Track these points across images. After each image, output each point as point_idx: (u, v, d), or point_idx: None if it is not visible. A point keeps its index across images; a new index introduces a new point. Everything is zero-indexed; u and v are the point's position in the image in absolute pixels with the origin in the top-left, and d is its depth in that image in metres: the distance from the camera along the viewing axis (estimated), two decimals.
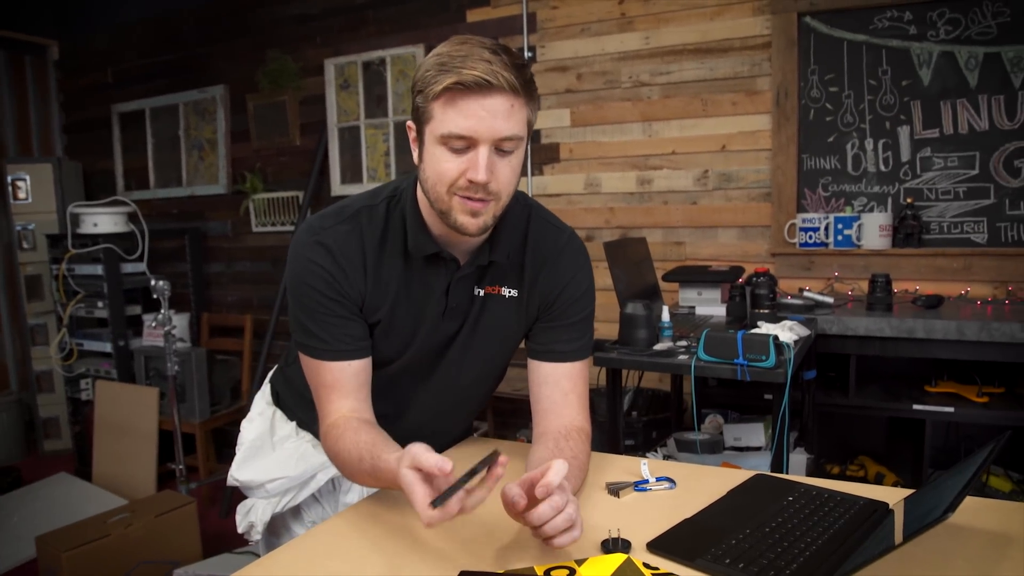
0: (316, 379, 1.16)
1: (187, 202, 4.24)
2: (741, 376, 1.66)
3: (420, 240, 1.13)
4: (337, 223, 1.13)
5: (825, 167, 2.79)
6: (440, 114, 0.99)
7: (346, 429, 1.10)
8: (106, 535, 2.41)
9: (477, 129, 0.98)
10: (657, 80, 3.03)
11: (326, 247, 1.11)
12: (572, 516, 0.90)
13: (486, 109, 0.97)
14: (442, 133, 0.99)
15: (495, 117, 0.98)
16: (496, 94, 0.97)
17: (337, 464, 1.14)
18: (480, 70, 0.95)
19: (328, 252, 1.11)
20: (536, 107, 1.06)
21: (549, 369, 1.23)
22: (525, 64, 1.02)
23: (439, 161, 1.02)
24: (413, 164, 1.11)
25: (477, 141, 0.99)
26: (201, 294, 4.12)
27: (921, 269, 2.63)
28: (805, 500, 1.08)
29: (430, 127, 1.02)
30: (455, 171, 1.01)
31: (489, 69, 0.96)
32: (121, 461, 3.37)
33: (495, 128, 0.98)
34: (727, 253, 2.97)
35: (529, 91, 1.02)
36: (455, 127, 0.98)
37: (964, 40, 2.55)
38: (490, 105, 0.97)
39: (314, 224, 1.14)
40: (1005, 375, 2.33)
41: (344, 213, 1.15)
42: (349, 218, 1.14)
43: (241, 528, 1.39)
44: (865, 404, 2.36)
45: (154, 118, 4.28)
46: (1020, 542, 0.95)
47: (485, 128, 0.98)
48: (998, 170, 2.56)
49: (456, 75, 0.96)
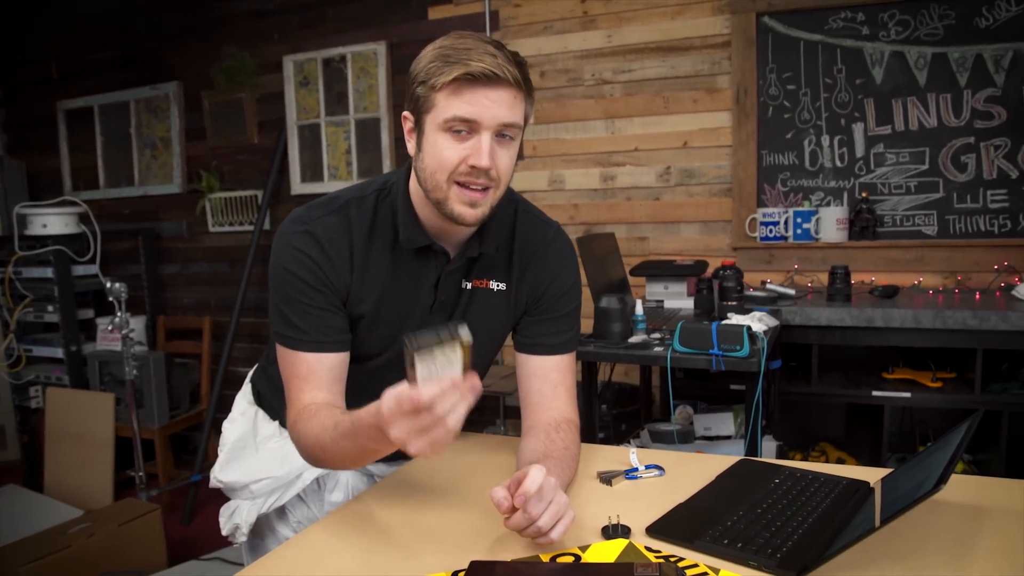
0: (290, 369, 1.14)
1: (140, 202, 4.12)
2: (716, 366, 1.70)
3: (411, 232, 1.13)
4: (325, 214, 1.13)
5: (784, 163, 2.87)
6: (444, 102, 1.01)
7: (319, 410, 1.07)
8: (67, 546, 2.33)
9: (482, 115, 1.00)
10: (619, 78, 3.07)
11: (314, 236, 1.11)
12: (559, 511, 0.91)
13: (491, 99, 1.00)
14: (446, 118, 1.01)
15: (499, 106, 1.01)
16: (501, 86, 1.00)
17: (307, 444, 1.08)
18: (488, 63, 0.98)
19: (315, 241, 1.11)
20: (532, 102, 1.09)
21: (538, 362, 1.24)
22: (524, 63, 1.05)
23: (440, 148, 1.03)
24: (375, 163, 1.11)
25: (480, 126, 1.01)
26: (156, 296, 4.02)
27: (876, 261, 2.73)
28: (791, 482, 1.12)
29: (431, 115, 1.03)
30: (456, 157, 1.03)
31: (495, 63, 0.99)
32: (75, 470, 3.26)
33: (498, 116, 1.01)
34: (690, 248, 3.03)
35: (528, 88, 1.06)
36: (461, 112, 1.00)
37: (913, 41, 2.66)
38: (495, 96, 1.00)
39: (302, 214, 1.14)
40: (956, 361, 2.43)
41: (333, 204, 1.14)
42: (338, 209, 1.14)
43: (225, 531, 1.37)
44: (827, 392, 2.44)
45: (103, 115, 4.15)
46: (992, 514, 1.01)
47: (490, 115, 1.01)
48: (946, 165, 2.67)
49: (464, 66, 0.98)
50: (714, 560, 0.90)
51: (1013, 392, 2.27)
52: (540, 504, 0.90)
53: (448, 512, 1.08)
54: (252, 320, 3.88)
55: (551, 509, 0.90)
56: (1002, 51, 2.57)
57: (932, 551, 0.91)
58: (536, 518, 0.89)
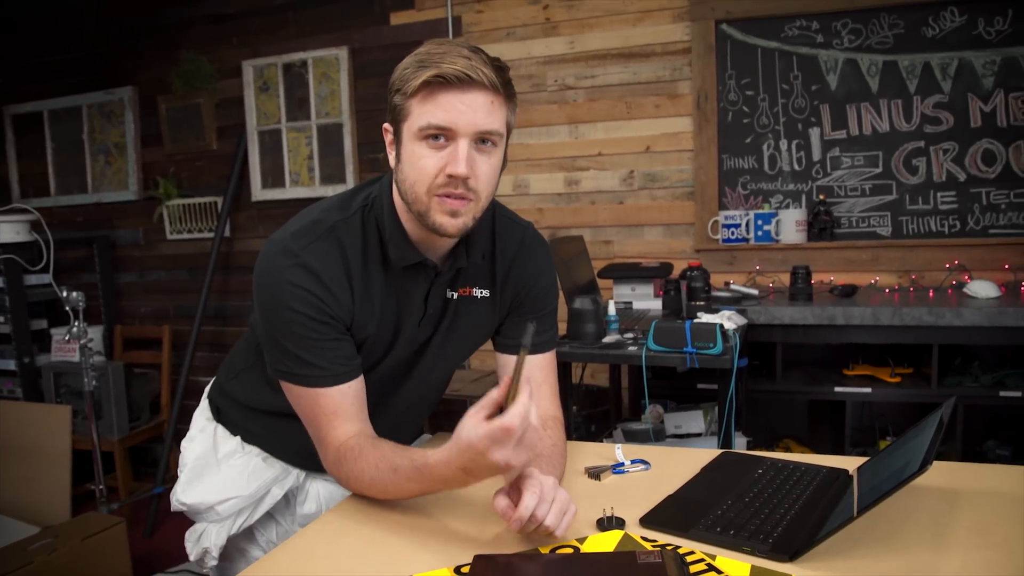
0: (314, 408, 1.09)
1: (93, 209, 4.02)
2: (690, 363, 1.74)
3: (402, 250, 1.10)
4: (313, 241, 1.06)
5: (744, 166, 2.94)
6: (419, 109, 0.98)
7: (363, 448, 1.05)
8: (27, 563, 2.25)
9: (456, 121, 0.97)
10: (582, 84, 3.12)
11: (309, 269, 1.04)
12: (563, 507, 0.93)
13: (465, 103, 0.96)
14: (420, 126, 0.98)
15: (475, 111, 0.97)
16: (476, 89, 0.97)
17: (362, 484, 1.07)
18: (460, 65, 0.95)
19: (311, 274, 1.04)
20: (514, 109, 1.05)
21: None
22: (504, 67, 1.02)
23: (418, 158, 1.00)
24: (338, 168, 1.09)
25: (456, 133, 0.98)
26: (112, 305, 3.91)
27: (834, 261, 2.82)
28: (774, 472, 1.15)
29: (408, 124, 1.00)
30: (434, 167, 0.99)
31: (469, 65, 0.95)
32: (29, 486, 3.15)
33: (475, 121, 0.97)
34: (654, 250, 3.09)
35: (508, 91, 1.02)
36: (434, 118, 0.97)
37: (865, 48, 2.76)
38: (470, 100, 0.97)
39: (288, 245, 1.06)
40: (913, 356, 2.52)
41: (317, 230, 1.07)
42: (325, 234, 1.07)
43: (193, 556, 1.30)
44: (790, 389, 2.51)
45: (54, 121, 4.04)
46: (966, 496, 1.06)
47: (465, 121, 0.97)
48: (899, 168, 2.77)
49: (436, 68, 0.95)
50: (709, 547, 0.93)
51: (967, 385, 2.37)
52: (544, 506, 0.91)
53: (438, 511, 1.08)
54: (213, 329, 3.81)
55: (555, 507, 0.92)
56: (948, 59, 2.68)
57: (913, 531, 0.95)
58: (542, 519, 0.91)
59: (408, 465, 0.99)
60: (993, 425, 2.60)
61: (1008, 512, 1.00)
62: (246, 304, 3.80)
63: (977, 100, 2.67)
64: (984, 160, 2.68)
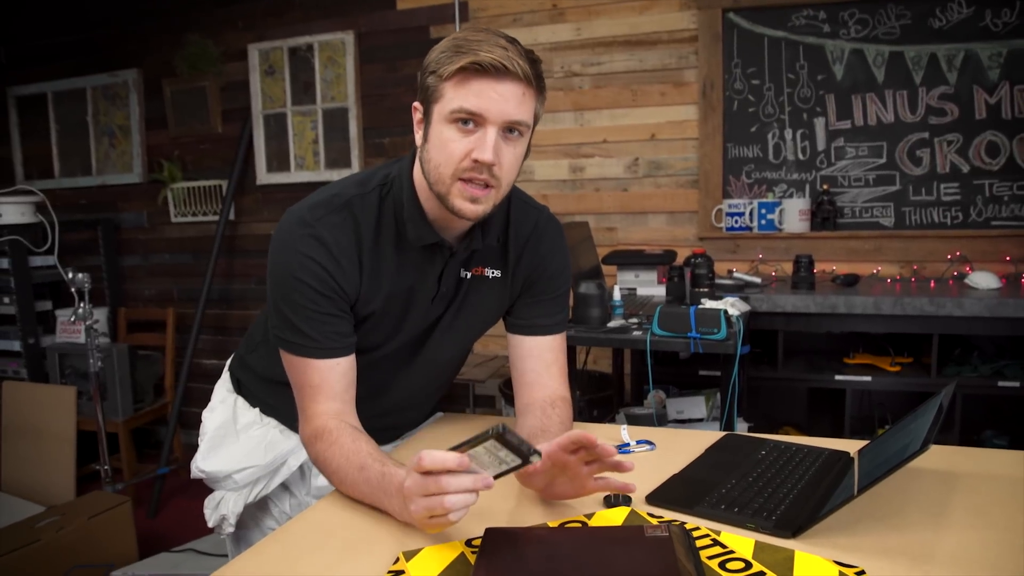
0: (301, 378, 1.13)
1: (97, 192, 4.03)
2: (694, 348, 1.76)
3: (420, 230, 1.11)
4: (328, 213, 1.09)
5: (748, 155, 2.95)
6: (452, 92, 1.00)
7: (341, 435, 1.07)
8: (35, 540, 2.29)
9: (488, 109, 0.99)
10: (588, 71, 3.12)
11: (320, 240, 1.07)
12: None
13: (499, 92, 0.98)
14: (452, 109, 1.00)
15: (507, 101, 0.99)
16: (510, 80, 0.99)
17: (328, 469, 1.09)
18: (497, 54, 0.97)
19: (323, 245, 1.07)
20: (543, 102, 1.07)
21: (532, 343, 1.27)
22: (538, 60, 1.04)
23: (446, 140, 1.02)
24: (343, 153, 1.10)
25: (486, 121, 0.99)
26: (117, 288, 3.93)
27: (836, 250, 2.83)
28: (777, 453, 1.17)
29: (439, 106, 1.02)
30: (461, 151, 1.01)
31: (506, 55, 0.97)
32: (35, 466, 3.18)
33: (506, 111, 0.99)
34: (657, 238, 3.10)
35: (540, 84, 1.04)
36: (467, 103, 0.99)
37: (872, 39, 2.76)
38: (503, 89, 0.98)
39: (304, 216, 1.09)
40: (913, 346, 2.54)
41: (334, 203, 1.10)
42: (340, 208, 1.10)
43: (211, 522, 1.35)
44: (791, 376, 2.53)
45: (57, 103, 4.04)
46: (963, 479, 1.08)
47: (496, 109, 0.99)
48: (903, 159, 2.78)
49: (473, 56, 0.97)
50: (714, 524, 0.95)
51: (966, 375, 2.39)
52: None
53: None
54: (217, 312, 3.83)
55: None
56: (954, 51, 2.69)
57: (913, 511, 0.97)
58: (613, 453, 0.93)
59: (375, 469, 1.00)
60: (991, 415, 2.63)
61: (1005, 494, 1.02)
62: (250, 287, 3.81)
63: (982, 92, 2.68)
64: (988, 152, 2.69)
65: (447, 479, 0.84)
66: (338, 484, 1.08)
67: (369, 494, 1.01)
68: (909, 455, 0.86)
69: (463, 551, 0.88)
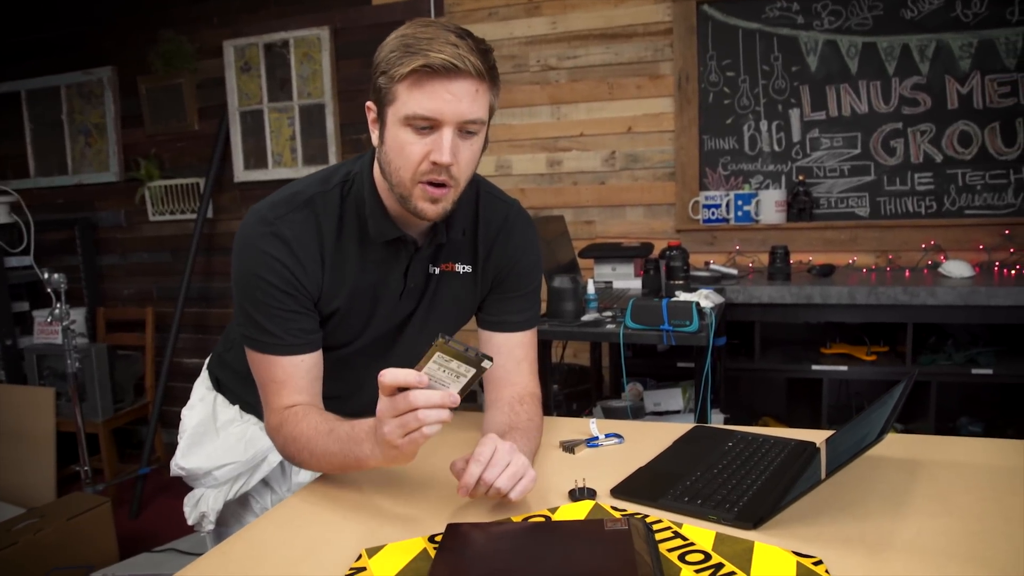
0: (265, 375, 1.12)
1: (74, 191, 3.99)
2: (667, 341, 1.77)
3: (381, 226, 1.11)
4: (289, 211, 1.09)
5: (724, 147, 2.96)
6: (405, 95, 0.99)
7: (308, 412, 1.08)
8: (13, 543, 2.27)
9: (443, 111, 0.98)
10: (564, 64, 3.12)
11: (282, 238, 1.07)
12: (517, 471, 0.95)
13: (452, 92, 0.97)
14: (407, 114, 0.99)
15: (460, 100, 0.98)
16: (462, 78, 0.97)
17: (296, 446, 1.08)
18: (447, 53, 0.95)
19: (284, 243, 1.07)
20: (498, 92, 1.06)
21: (502, 339, 1.27)
22: (489, 50, 1.02)
23: (403, 143, 1.01)
24: (320, 149, 1.10)
25: (441, 123, 0.99)
26: (95, 287, 3.90)
27: (813, 241, 2.85)
28: (744, 444, 1.18)
29: (393, 108, 1.01)
30: (419, 154, 1.00)
31: (456, 53, 0.96)
32: (14, 468, 3.15)
33: (460, 111, 0.98)
34: (635, 230, 3.11)
35: (493, 77, 1.03)
36: (420, 108, 0.98)
37: (845, 30, 2.78)
38: (456, 89, 0.97)
39: (265, 214, 1.09)
40: (888, 335, 2.57)
41: (296, 201, 1.10)
42: (302, 205, 1.10)
43: (191, 520, 1.36)
44: (768, 367, 2.55)
45: (32, 101, 3.99)
46: (925, 467, 1.09)
47: (451, 111, 0.98)
48: (877, 150, 2.80)
49: (424, 58, 0.95)
50: (676, 516, 0.96)
51: (940, 364, 2.42)
52: (494, 469, 0.93)
53: (415, 482, 1.10)
54: (197, 310, 3.81)
55: (508, 471, 0.94)
56: (926, 41, 2.71)
57: (874, 500, 0.99)
58: (492, 481, 0.93)
59: (343, 428, 1.01)
60: (966, 402, 2.66)
61: (967, 481, 1.04)
62: (229, 285, 3.77)
63: (954, 82, 2.70)
64: (960, 142, 2.72)
65: (415, 394, 0.86)
66: (308, 458, 1.07)
67: (340, 453, 1.01)
68: (866, 444, 0.87)
69: (425, 547, 0.89)
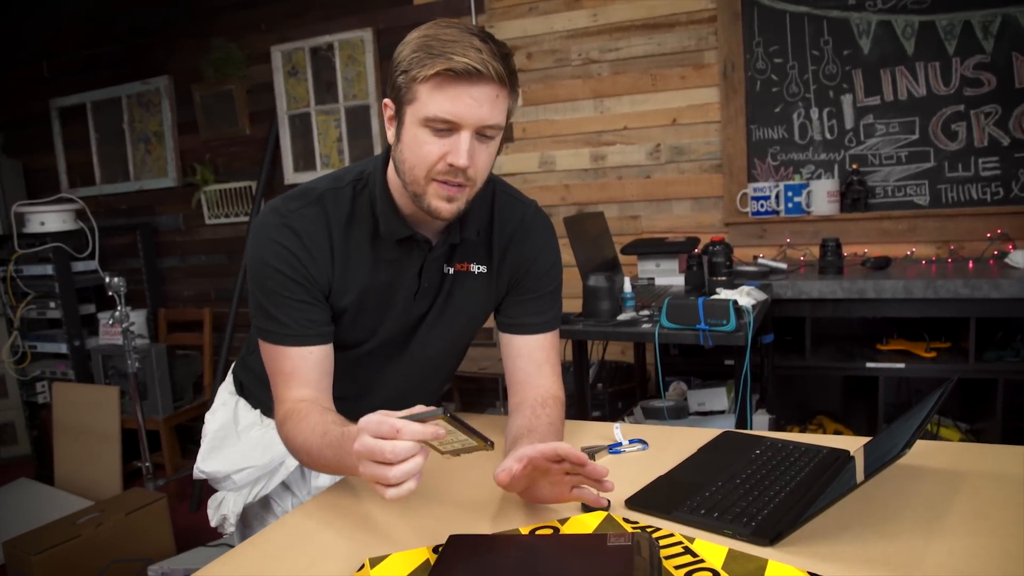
0: (275, 365, 1.14)
1: (136, 197, 4.14)
2: (704, 341, 1.72)
3: (393, 224, 1.12)
4: (303, 206, 1.12)
5: (773, 137, 2.86)
6: (426, 97, 0.98)
7: (311, 411, 1.08)
8: (76, 536, 2.38)
9: (463, 115, 0.98)
10: (606, 57, 3.06)
11: (292, 229, 1.10)
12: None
13: (473, 97, 0.98)
14: (426, 116, 0.99)
15: (481, 105, 0.98)
16: (484, 83, 0.98)
17: (295, 444, 1.08)
18: (471, 58, 0.95)
19: (295, 234, 1.10)
20: (516, 97, 1.06)
21: (522, 342, 1.25)
22: (509, 54, 1.02)
23: (420, 143, 1.01)
24: (366, 149, 1.11)
25: (461, 126, 0.99)
26: (156, 290, 4.05)
27: (868, 232, 2.73)
28: (772, 452, 1.13)
29: (413, 108, 1.01)
30: (436, 154, 1.01)
31: (479, 58, 0.96)
32: (84, 463, 3.31)
33: (480, 116, 0.99)
34: (682, 225, 3.04)
35: (513, 82, 1.03)
36: (441, 111, 0.98)
37: (900, 9, 2.64)
38: (477, 93, 0.98)
39: (279, 207, 1.12)
40: (950, 330, 2.44)
41: (309, 196, 1.13)
42: (314, 201, 1.12)
43: (214, 522, 1.38)
44: (821, 365, 2.45)
45: (96, 112, 4.16)
46: (968, 478, 1.02)
47: (471, 115, 0.98)
48: (937, 134, 2.66)
49: (447, 61, 0.95)
50: (690, 530, 0.92)
51: (1008, 360, 2.28)
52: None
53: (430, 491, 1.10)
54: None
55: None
56: (991, 16, 2.55)
57: (906, 516, 0.92)
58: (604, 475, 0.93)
59: (336, 431, 0.99)
60: None
61: (1008, 495, 0.96)
62: None
63: (1022, 59, 2.54)
64: None
65: (393, 448, 0.81)
66: (306, 458, 1.08)
67: (333, 458, 1.00)
68: (888, 459, 0.82)
69: (428, 557, 0.88)
